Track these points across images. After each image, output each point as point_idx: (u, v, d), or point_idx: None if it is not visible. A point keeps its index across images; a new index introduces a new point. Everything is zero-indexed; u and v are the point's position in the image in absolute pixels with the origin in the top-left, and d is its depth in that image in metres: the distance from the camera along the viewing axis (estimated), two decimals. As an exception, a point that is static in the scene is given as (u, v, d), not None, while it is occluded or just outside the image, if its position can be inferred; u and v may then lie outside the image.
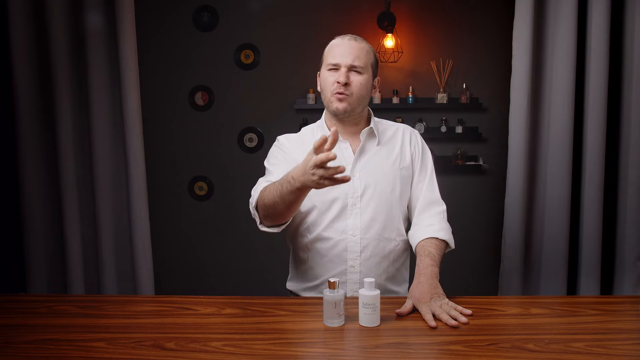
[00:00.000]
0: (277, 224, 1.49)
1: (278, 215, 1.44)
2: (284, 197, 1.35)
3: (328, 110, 1.57)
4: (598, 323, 1.30)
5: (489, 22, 3.29)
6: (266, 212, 1.45)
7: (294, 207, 1.41)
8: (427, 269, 1.42)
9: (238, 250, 3.39)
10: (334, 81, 1.51)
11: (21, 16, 1.97)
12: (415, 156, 1.62)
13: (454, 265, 3.41)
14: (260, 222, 1.50)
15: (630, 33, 1.95)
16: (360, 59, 1.51)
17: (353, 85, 1.50)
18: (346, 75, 1.50)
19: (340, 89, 1.50)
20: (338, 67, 1.51)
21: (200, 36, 3.33)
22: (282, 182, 1.35)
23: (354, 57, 1.51)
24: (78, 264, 2.07)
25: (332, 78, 1.52)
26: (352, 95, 1.51)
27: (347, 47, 1.52)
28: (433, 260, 1.45)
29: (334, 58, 1.52)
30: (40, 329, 1.29)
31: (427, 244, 1.51)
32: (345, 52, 1.51)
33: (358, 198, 1.54)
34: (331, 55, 1.53)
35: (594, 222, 1.99)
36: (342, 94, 1.50)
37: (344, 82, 1.49)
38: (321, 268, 1.57)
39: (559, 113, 1.99)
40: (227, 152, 3.42)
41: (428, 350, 1.15)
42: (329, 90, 1.53)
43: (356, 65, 1.50)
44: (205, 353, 1.14)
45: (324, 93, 1.56)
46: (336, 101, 1.51)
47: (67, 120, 2.02)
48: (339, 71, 1.50)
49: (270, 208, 1.42)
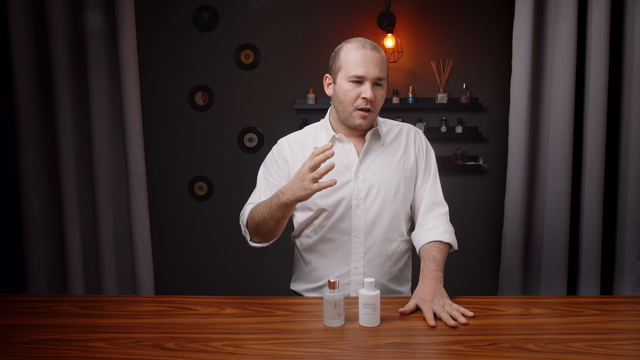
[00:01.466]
0: (267, 241, 1.53)
1: (267, 232, 1.48)
2: (272, 213, 1.41)
3: (346, 124, 1.52)
4: (598, 323, 1.30)
5: (489, 22, 3.29)
6: (256, 229, 1.49)
7: (281, 223, 1.46)
8: (431, 273, 1.42)
9: (238, 250, 3.39)
10: (359, 96, 1.45)
11: (21, 16, 1.97)
12: (420, 157, 1.61)
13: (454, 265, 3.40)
14: (250, 239, 1.53)
15: (630, 33, 1.95)
16: (383, 70, 1.47)
17: (377, 99, 1.47)
18: (372, 90, 1.45)
19: (367, 105, 1.46)
20: (362, 81, 1.45)
21: (200, 36, 3.33)
22: (272, 197, 1.42)
23: (379, 69, 1.45)
24: (78, 264, 2.07)
25: (354, 92, 1.46)
26: (374, 110, 1.49)
27: (372, 59, 1.44)
28: (437, 265, 1.44)
29: (358, 70, 1.44)
30: (40, 329, 1.29)
31: (431, 247, 1.50)
32: (370, 63, 1.44)
33: (362, 199, 1.53)
34: (354, 65, 1.45)
35: (594, 222, 1.99)
36: (367, 110, 1.46)
37: (372, 98, 1.44)
38: (325, 269, 1.56)
39: (559, 113, 1.99)
40: (227, 152, 3.42)
41: (428, 350, 1.15)
42: (351, 105, 1.47)
43: (381, 78, 1.46)
44: (205, 353, 1.14)
45: (344, 106, 1.49)
46: (359, 118, 1.48)
47: (67, 120, 2.02)
48: (364, 85, 1.45)
49: (260, 225, 1.47)
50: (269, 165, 1.62)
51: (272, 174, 1.59)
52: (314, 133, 1.62)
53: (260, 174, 1.63)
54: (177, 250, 3.46)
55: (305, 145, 1.59)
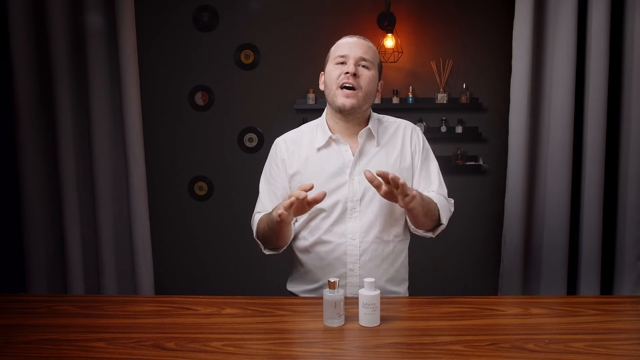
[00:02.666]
0: (279, 248, 1.56)
1: (274, 243, 1.52)
2: (271, 228, 1.44)
3: (332, 107, 1.53)
4: (598, 323, 1.30)
5: (489, 22, 3.29)
6: (264, 241, 1.54)
7: (281, 237, 1.48)
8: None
9: (238, 250, 3.39)
10: (341, 72, 1.47)
11: (21, 16, 1.97)
12: (416, 154, 1.59)
13: (454, 265, 3.42)
14: (264, 248, 1.57)
15: (630, 33, 1.95)
16: (368, 54, 1.49)
17: (362, 78, 1.47)
18: (355, 67, 1.46)
19: (349, 79, 1.45)
20: (346, 60, 1.47)
21: (200, 36, 3.33)
22: (272, 212, 1.42)
23: (363, 51, 1.48)
24: (78, 264, 2.07)
25: (338, 70, 1.48)
26: (360, 90, 1.47)
27: (356, 42, 1.50)
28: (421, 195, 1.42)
29: (342, 50, 1.49)
30: (40, 329, 1.29)
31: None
32: (354, 45, 1.49)
33: (357, 202, 1.52)
34: (339, 48, 1.51)
35: (594, 222, 1.99)
36: (350, 87, 1.46)
37: (353, 72, 1.45)
38: (321, 271, 1.56)
39: (559, 113, 1.99)
40: (227, 152, 3.42)
41: (428, 350, 1.15)
42: (334, 84, 1.48)
43: (365, 59, 1.48)
44: (205, 353, 1.14)
45: (329, 88, 1.51)
46: (342, 96, 1.47)
47: (67, 120, 2.02)
48: (347, 64, 1.47)
49: (266, 238, 1.52)
50: (269, 169, 1.62)
51: (274, 176, 1.60)
52: (310, 132, 1.61)
53: (262, 180, 1.64)
54: (177, 250, 3.45)
55: (301, 145, 1.58)
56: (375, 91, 1.54)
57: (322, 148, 1.56)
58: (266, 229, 1.47)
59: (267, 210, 1.55)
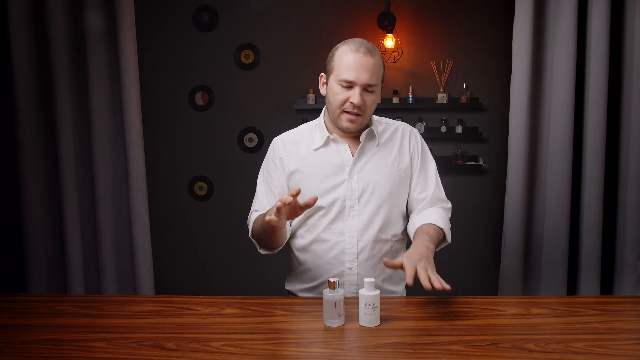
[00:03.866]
0: (274, 248, 1.56)
1: (269, 243, 1.52)
2: (265, 230, 1.44)
3: (335, 125, 1.53)
4: (598, 323, 1.30)
5: (489, 22, 3.29)
6: (258, 241, 1.54)
7: (275, 239, 1.48)
8: (423, 242, 1.40)
9: (238, 250, 3.39)
10: (346, 100, 1.45)
11: (21, 16, 1.97)
12: (414, 157, 1.59)
13: (454, 265, 3.41)
14: (259, 248, 1.57)
15: (630, 33, 1.95)
16: (375, 76, 1.45)
17: (366, 105, 1.46)
18: (361, 95, 1.44)
19: (353, 109, 1.45)
20: (352, 85, 1.44)
21: (200, 36, 3.33)
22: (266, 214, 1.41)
23: (370, 75, 1.43)
24: (78, 264, 2.07)
25: (343, 95, 1.45)
26: (364, 115, 1.48)
27: (364, 64, 1.42)
28: (430, 238, 1.43)
29: (348, 74, 1.43)
30: (40, 329, 1.29)
31: (425, 227, 1.50)
32: (362, 69, 1.42)
33: (356, 200, 1.53)
34: (345, 69, 1.43)
35: (594, 222, 1.99)
36: (355, 114, 1.46)
37: (359, 104, 1.44)
38: (319, 270, 1.56)
39: (559, 113, 1.99)
40: (227, 152, 3.42)
41: (428, 350, 1.15)
42: (339, 108, 1.47)
43: (371, 84, 1.44)
44: (205, 353, 1.14)
45: (332, 107, 1.49)
46: (346, 121, 1.48)
47: (67, 120, 2.02)
48: (353, 90, 1.44)
49: (260, 238, 1.52)
50: (266, 167, 1.62)
51: (272, 175, 1.60)
52: (309, 133, 1.61)
53: (259, 180, 1.64)
54: (177, 250, 3.45)
55: (299, 145, 1.59)
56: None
57: (321, 147, 1.56)
58: (260, 230, 1.47)
59: (264, 208, 1.55)
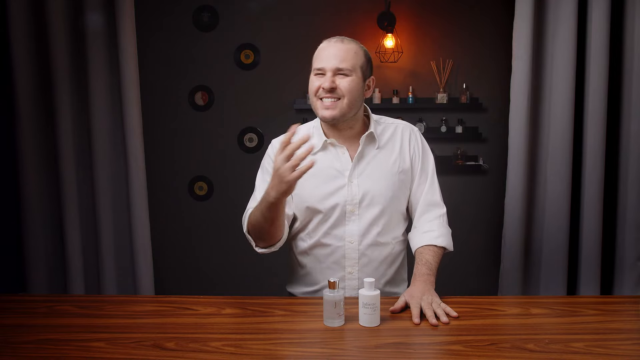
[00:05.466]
0: (271, 244, 1.49)
1: (266, 235, 1.44)
2: (265, 215, 1.38)
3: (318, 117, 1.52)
4: (598, 323, 1.30)
5: (489, 22, 3.28)
6: (256, 234, 1.46)
7: (276, 224, 1.41)
8: (422, 277, 1.43)
9: (238, 250, 3.38)
10: (319, 86, 1.45)
11: (21, 16, 1.97)
12: (415, 158, 1.57)
13: (454, 265, 3.41)
14: (255, 245, 1.50)
15: (630, 33, 1.95)
16: (346, 60, 1.44)
17: (341, 88, 1.44)
18: (332, 79, 1.43)
19: (325, 94, 1.44)
20: (324, 72, 1.45)
21: (200, 36, 3.33)
22: (262, 200, 1.38)
23: (340, 59, 1.43)
24: (78, 264, 2.07)
25: (317, 83, 1.46)
26: (342, 99, 1.44)
27: (333, 50, 1.44)
28: (429, 269, 1.45)
29: (319, 62, 1.45)
30: (40, 329, 1.29)
31: (424, 251, 1.50)
32: (330, 55, 1.44)
33: (356, 205, 1.51)
34: (317, 59, 1.47)
35: (594, 222, 1.99)
36: (330, 98, 1.44)
37: (328, 87, 1.43)
38: (319, 274, 1.56)
39: (559, 113, 1.99)
40: (227, 152, 3.42)
41: (428, 350, 1.15)
42: (314, 96, 1.48)
43: (342, 68, 1.43)
44: (205, 353, 1.14)
45: (311, 98, 1.50)
46: (322, 108, 1.46)
47: (67, 120, 2.02)
48: (325, 76, 1.45)
49: (258, 229, 1.44)
50: (266, 167, 1.61)
51: (270, 172, 1.58)
52: (307, 133, 1.59)
53: (258, 178, 1.62)
54: (177, 250, 3.45)
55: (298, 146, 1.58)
56: (361, 95, 1.49)
57: (319, 151, 1.54)
58: (259, 218, 1.41)
59: None
